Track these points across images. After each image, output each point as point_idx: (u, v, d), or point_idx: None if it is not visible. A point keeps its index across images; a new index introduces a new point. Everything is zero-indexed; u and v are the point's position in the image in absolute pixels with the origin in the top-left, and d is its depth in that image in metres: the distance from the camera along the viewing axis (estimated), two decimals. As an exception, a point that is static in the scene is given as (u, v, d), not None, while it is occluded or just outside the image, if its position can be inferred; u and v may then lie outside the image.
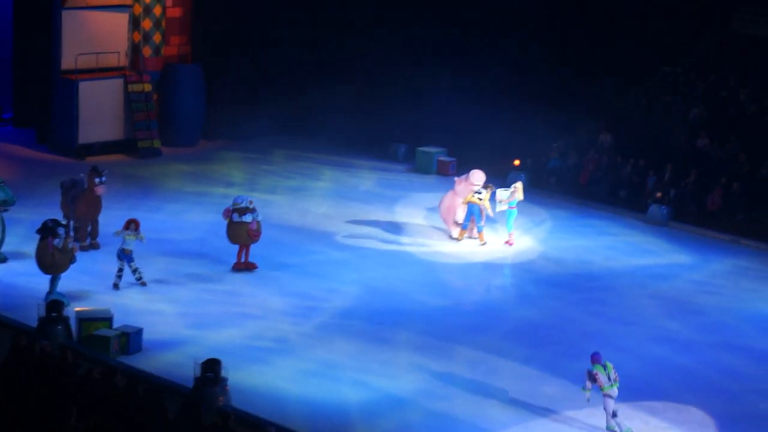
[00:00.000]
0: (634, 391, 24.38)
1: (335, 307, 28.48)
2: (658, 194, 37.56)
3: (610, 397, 22.52)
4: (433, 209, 35.60)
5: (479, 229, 33.45)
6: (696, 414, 23.72)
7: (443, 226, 34.20)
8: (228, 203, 30.55)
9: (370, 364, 25.24)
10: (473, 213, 33.39)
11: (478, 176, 33.55)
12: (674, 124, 41.11)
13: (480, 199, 33.20)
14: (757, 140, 39.42)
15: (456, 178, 34.50)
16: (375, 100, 43.44)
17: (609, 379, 22.52)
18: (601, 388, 22.53)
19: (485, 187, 33.38)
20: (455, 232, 33.77)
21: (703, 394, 24.70)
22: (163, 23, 42.34)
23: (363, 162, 41.80)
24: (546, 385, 24.74)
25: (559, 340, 27.19)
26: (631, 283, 31.37)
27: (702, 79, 42.87)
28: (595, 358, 22.78)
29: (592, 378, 22.57)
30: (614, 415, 22.51)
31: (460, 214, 33.79)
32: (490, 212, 33.53)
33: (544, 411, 23.49)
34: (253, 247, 30.29)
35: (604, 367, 22.64)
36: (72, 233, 29.52)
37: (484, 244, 33.32)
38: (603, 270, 32.36)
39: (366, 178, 40.10)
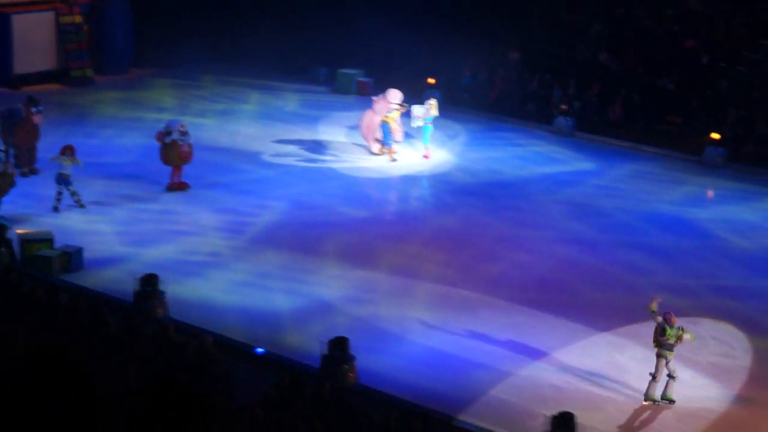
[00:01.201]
0: (544, 290, 24.77)
1: (265, 221, 28.47)
2: (564, 106, 37.78)
3: (663, 357, 20.06)
4: (354, 127, 35.56)
5: (388, 146, 33.41)
6: (603, 307, 24.07)
7: (364, 143, 34.17)
8: (160, 127, 30.28)
9: (299, 273, 25.32)
10: (385, 130, 33.41)
11: (393, 95, 33.52)
12: (577, 40, 41.28)
13: (388, 116, 33.10)
14: (653, 53, 39.71)
15: (374, 98, 34.42)
16: (297, 25, 43.10)
17: (672, 344, 20.01)
18: (658, 345, 20.17)
19: (401, 105, 33.33)
20: (375, 148, 33.75)
21: (608, 288, 25.10)
22: (91, -44, 41.53)
23: (287, 85, 41.53)
24: (464, 286, 24.97)
25: (474, 245, 27.42)
26: (540, 189, 31.64)
27: (602, -3, 42.98)
28: (667, 319, 20.04)
29: (661, 328, 20.02)
30: (654, 378, 20.11)
31: (380, 132, 33.79)
32: (397, 133, 33.52)
33: (462, 310, 23.72)
34: (185, 168, 30.11)
35: (678, 330, 20.03)
36: (12, 160, 29.12)
37: (394, 160, 33.32)
38: (513, 179, 32.59)
39: (290, 100, 39.90)
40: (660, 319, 20.23)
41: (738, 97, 37.12)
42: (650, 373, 20.19)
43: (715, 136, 34.67)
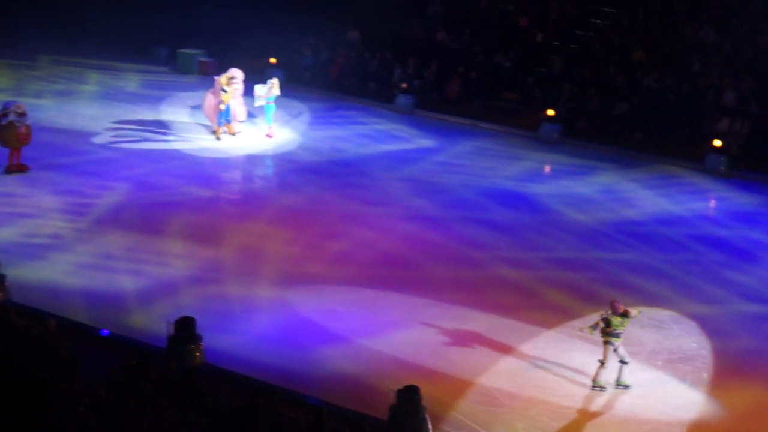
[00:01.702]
0: (389, 266, 24.82)
1: (108, 203, 27.82)
2: (404, 85, 37.92)
3: (610, 344, 19.88)
4: (196, 107, 35.07)
5: (227, 122, 33.07)
6: (447, 281, 24.22)
7: (207, 123, 33.70)
8: (-4, 109, 29.32)
9: (144, 254, 24.82)
10: (227, 110, 33.04)
11: (233, 74, 33.14)
12: (415, 20, 41.41)
13: (225, 92, 32.71)
14: (489, 32, 40.10)
15: (216, 77, 33.92)
16: (135, 4, 42.22)
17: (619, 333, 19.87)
18: (605, 335, 19.98)
19: (228, 83, 32.78)
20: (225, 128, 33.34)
21: (452, 262, 25.25)
22: None
23: (127, 65, 40.68)
24: (309, 263, 24.84)
25: (319, 223, 27.29)
26: (383, 167, 31.67)
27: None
28: (614, 307, 19.80)
29: (605, 322, 19.87)
30: (602, 364, 20.00)
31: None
32: (240, 112, 33.29)
33: (308, 287, 23.60)
34: (24, 150, 29.23)
35: (622, 318, 19.83)
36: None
37: (234, 134, 33.03)
38: (356, 157, 32.55)
39: (131, 80, 39.09)
40: (603, 314, 19.90)
41: (571, 74, 37.78)
42: (599, 360, 20.00)
43: (550, 112, 35.23)
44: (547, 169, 32.82)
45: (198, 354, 19.88)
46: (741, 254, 26.16)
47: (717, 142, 32.66)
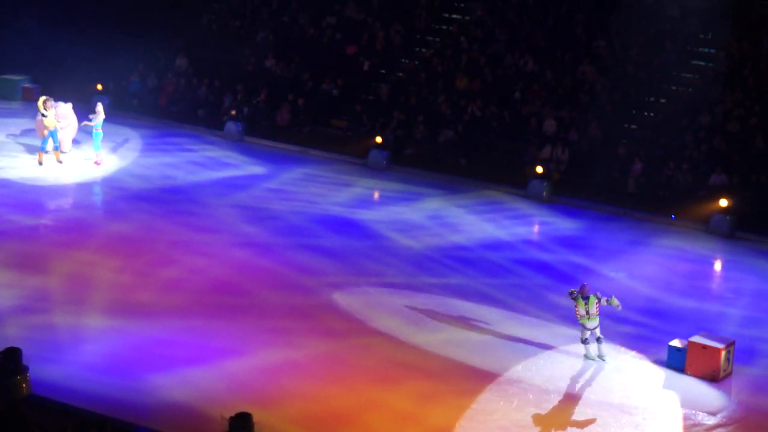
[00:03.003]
0: (220, 293, 24.62)
1: (-72, 232, 26.81)
2: (233, 112, 37.73)
3: (585, 328, 22.41)
4: (20, 134, 34.21)
5: (55, 149, 32.39)
6: (278, 307, 24.08)
7: (32, 150, 32.88)
8: None
9: (-33, 284, 24.00)
10: (52, 135, 32.30)
11: (46, 97, 32.42)
12: (243, 47, 41.28)
13: (45, 116, 32.02)
14: (317, 60, 40.24)
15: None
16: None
17: (587, 312, 22.31)
18: (579, 319, 22.48)
19: (43, 110, 32.11)
20: (51, 155, 32.52)
21: (284, 289, 25.14)
22: None
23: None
24: (139, 291, 24.38)
25: (149, 250, 26.84)
26: (213, 194, 31.42)
27: (267, 5, 43.15)
28: (581, 291, 22.45)
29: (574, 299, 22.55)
30: (585, 341, 22.48)
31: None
32: (65, 142, 32.64)
33: (138, 315, 23.15)
34: None
35: (586, 300, 22.28)
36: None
37: (60, 162, 32.35)
38: (186, 183, 32.21)
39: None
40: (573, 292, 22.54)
41: (398, 101, 38.17)
42: (580, 339, 22.46)
43: (378, 139, 35.50)
44: (376, 195, 33.04)
45: (24, 385, 19.31)
46: (564, 278, 26.74)
47: (539, 169, 33.41)
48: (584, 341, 22.60)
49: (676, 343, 22.53)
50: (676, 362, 22.32)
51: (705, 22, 37.81)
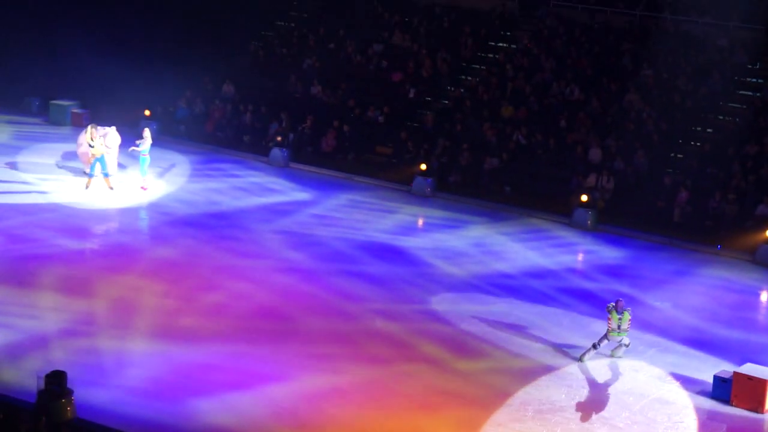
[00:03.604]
0: (264, 318, 24.67)
1: (-24, 255, 27.14)
2: (279, 138, 37.94)
3: (610, 340, 23.45)
4: (68, 158, 34.57)
5: (105, 175, 32.68)
6: (321, 333, 24.11)
7: (81, 175, 33.23)
8: None
9: (14, 307, 24.19)
10: (100, 161, 32.60)
11: (94, 129, 32.64)
12: (290, 74, 41.55)
13: (92, 146, 32.34)
14: (363, 87, 40.44)
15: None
16: (8, 54, 41.51)
17: (618, 327, 23.32)
18: (608, 330, 23.43)
19: (92, 139, 32.35)
20: (99, 179, 32.84)
21: (327, 315, 25.17)
22: None
23: (-2, 116, 40.00)
24: (183, 316, 24.52)
25: (194, 275, 26.99)
26: (258, 219, 31.57)
27: (314, 33, 43.46)
28: (616, 306, 23.41)
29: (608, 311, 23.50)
30: (595, 347, 23.44)
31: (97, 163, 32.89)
32: (111, 165, 32.85)
33: (182, 340, 23.27)
34: None
35: (621, 315, 23.23)
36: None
37: (112, 189, 32.61)
38: (231, 209, 32.41)
39: (1, 132, 38.35)
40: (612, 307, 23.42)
41: (442, 129, 38.23)
42: (593, 344, 23.44)
43: (423, 166, 35.55)
44: (420, 222, 33.07)
45: (69, 408, 19.41)
46: (608, 306, 26.56)
47: (584, 197, 33.32)
48: (594, 346, 23.40)
49: (721, 373, 22.38)
50: (721, 393, 22.15)
51: (753, 52, 37.69)
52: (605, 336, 23.42)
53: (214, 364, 22.32)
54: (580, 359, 23.45)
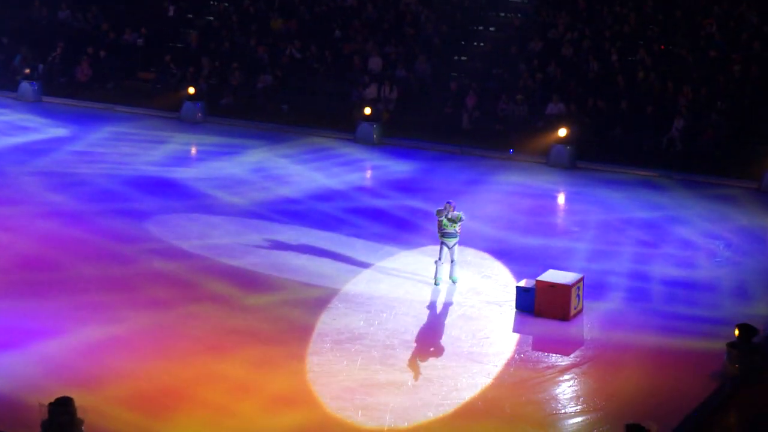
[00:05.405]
0: (29, 270, 24.05)
1: None
2: (27, 70, 36.82)
3: (444, 245, 23.33)
4: None
5: None
6: (95, 280, 23.61)
7: None
8: None
9: None
10: None
11: None
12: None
13: None
14: (116, 8, 39.50)
15: None
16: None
17: (446, 231, 23.23)
18: (438, 235, 23.51)
19: None
20: None
21: (99, 260, 24.66)
22: None
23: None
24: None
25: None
26: (11, 161, 30.74)
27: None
28: (446, 208, 23.19)
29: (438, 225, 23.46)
30: (437, 262, 23.47)
31: None
32: None
33: None
34: None
35: (448, 216, 23.17)
36: None
37: None
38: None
39: None
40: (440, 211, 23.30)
41: (209, 48, 37.73)
42: (434, 261, 23.55)
43: (191, 90, 35.08)
44: (193, 150, 32.75)
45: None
46: (401, 224, 26.90)
47: (367, 110, 33.50)
48: (436, 262, 23.51)
49: (522, 283, 22.89)
50: (525, 304, 22.67)
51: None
52: (441, 245, 23.46)
53: (-25, 324, 21.61)
54: (435, 283, 23.60)
